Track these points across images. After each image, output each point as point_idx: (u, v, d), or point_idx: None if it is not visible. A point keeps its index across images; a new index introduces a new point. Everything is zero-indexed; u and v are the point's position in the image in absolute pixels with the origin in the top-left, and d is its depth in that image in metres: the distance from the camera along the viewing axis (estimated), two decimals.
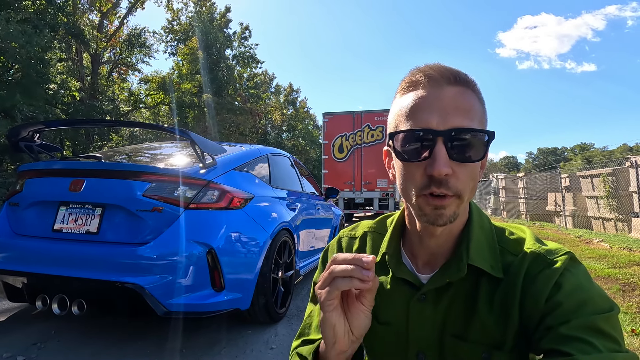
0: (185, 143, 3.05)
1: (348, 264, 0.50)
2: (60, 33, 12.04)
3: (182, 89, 19.11)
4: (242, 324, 2.47)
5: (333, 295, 0.51)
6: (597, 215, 8.01)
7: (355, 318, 0.53)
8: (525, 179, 12.57)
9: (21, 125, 2.34)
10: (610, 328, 0.46)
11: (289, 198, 3.11)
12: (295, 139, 30.86)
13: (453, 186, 0.51)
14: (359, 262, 0.50)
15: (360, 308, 0.53)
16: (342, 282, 0.50)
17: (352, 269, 0.49)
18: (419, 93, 0.54)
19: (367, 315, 0.54)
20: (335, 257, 0.52)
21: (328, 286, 0.51)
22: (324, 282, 0.52)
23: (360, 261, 0.50)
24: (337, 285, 0.50)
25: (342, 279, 0.50)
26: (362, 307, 0.53)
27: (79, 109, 13.26)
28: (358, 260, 0.50)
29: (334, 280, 0.50)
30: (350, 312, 0.53)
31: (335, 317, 0.52)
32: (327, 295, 0.51)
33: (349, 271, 0.49)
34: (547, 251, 0.55)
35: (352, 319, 0.53)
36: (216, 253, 2.02)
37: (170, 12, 21.01)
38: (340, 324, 0.52)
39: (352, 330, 0.53)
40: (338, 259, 0.51)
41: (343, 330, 0.53)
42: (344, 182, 10.39)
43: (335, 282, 0.50)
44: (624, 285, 3.54)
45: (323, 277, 0.52)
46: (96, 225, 2.03)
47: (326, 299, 0.51)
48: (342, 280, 0.50)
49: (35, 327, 2.30)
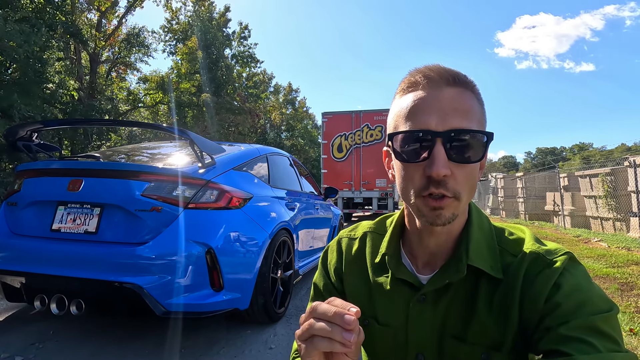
0: (184, 143, 3.04)
1: (328, 322, 0.44)
2: (58, 32, 12.00)
3: (181, 89, 19.08)
4: (241, 323, 2.47)
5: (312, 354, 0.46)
6: (595, 215, 8.03)
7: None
8: (524, 178, 12.59)
9: (19, 124, 2.33)
10: (609, 328, 0.46)
11: (288, 198, 3.11)
12: (294, 139, 30.84)
13: (451, 187, 0.51)
14: (340, 322, 0.43)
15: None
16: (321, 342, 0.44)
17: (331, 330, 0.43)
18: (418, 94, 0.54)
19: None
20: (315, 307, 0.46)
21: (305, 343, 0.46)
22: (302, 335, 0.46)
23: (342, 320, 0.43)
24: (315, 345, 0.44)
25: (321, 338, 0.44)
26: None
27: (78, 109, 13.22)
28: (340, 318, 0.43)
29: (312, 339, 0.45)
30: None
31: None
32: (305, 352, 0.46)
33: (328, 332, 0.43)
34: (546, 251, 0.55)
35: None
36: (215, 253, 2.02)
37: (169, 12, 20.98)
38: None
39: None
40: (318, 311, 0.45)
41: None
42: (343, 181, 10.40)
43: (314, 342, 0.44)
44: (622, 284, 3.55)
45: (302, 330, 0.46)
46: (95, 225, 2.02)
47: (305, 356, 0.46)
48: (321, 341, 0.44)
49: (34, 327, 2.30)
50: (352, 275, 0.70)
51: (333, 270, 0.74)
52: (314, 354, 0.45)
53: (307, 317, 0.47)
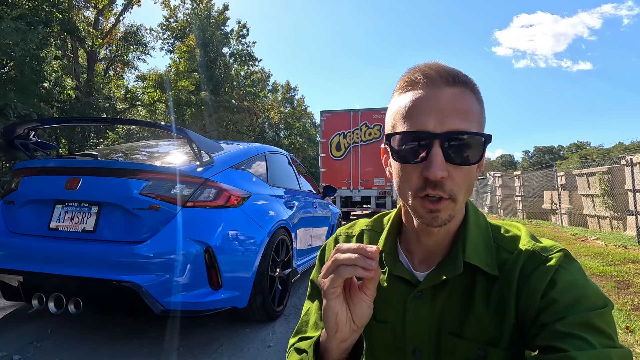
0: (182, 141, 3.03)
1: (352, 253, 0.51)
2: (55, 30, 11.93)
3: (179, 87, 19.02)
4: (240, 322, 2.47)
5: (336, 283, 0.51)
6: (592, 213, 8.07)
7: (357, 307, 0.53)
8: (521, 177, 12.63)
9: (16, 122, 2.32)
10: (604, 324, 0.47)
11: (287, 196, 3.11)
12: (293, 137, 30.81)
13: (448, 189, 0.52)
14: (362, 252, 0.51)
15: (363, 297, 0.54)
16: (345, 270, 0.51)
17: (356, 257, 0.50)
18: (417, 93, 0.54)
19: (369, 304, 0.54)
20: (339, 246, 0.53)
21: (332, 274, 0.52)
22: (327, 271, 0.52)
23: (365, 250, 0.51)
24: (340, 273, 0.51)
25: (345, 266, 0.51)
26: (364, 297, 0.54)
27: (75, 107, 13.16)
28: (362, 249, 0.51)
29: (337, 268, 0.51)
30: (353, 301, 0.54)
31: (338, 305, 0.53)
32: (330, 283, 0.52)
33: (353, 259, 0.50)
34: (541, 248, 0.55)
35: (354, 308, 0.54)
36: (213, 251, 2.02)
37: (167, 9, 20.90)
38: (342, 312, 0.53)
39: (353, 320, 0.54)
40: (342, 248, 0.52)
41: (345, 319, 0.53)
42: (342, 180, 10.40)
43: (339, 270, 0.51)
44: (618, 282, 3.57)
45: (326, 266, 0.53)
46: (93, 224, 2.02)
47: (330, 287, 0.52)
48: (345, 268, 0.51)
49: (32, 325, 2.29)
50: None
51: None
52: (337, 283, 0.52)
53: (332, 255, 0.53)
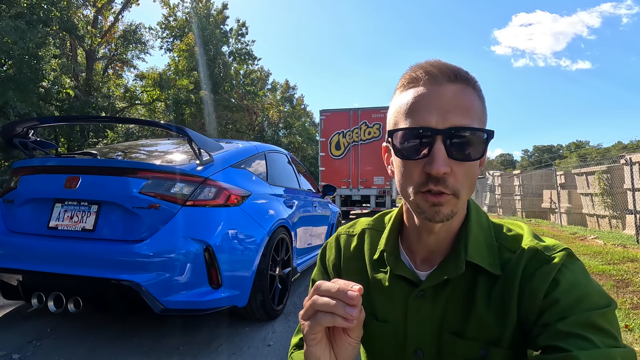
0: (181, 140, 3.03)
1: (331, 298, 0.46)
2: (54, 28, 11.89)
3: (178, 86, 18.98)
4: (240, 321, 2.47)
5: (316, 330, 0.47)
6: (591, 213, 8.08)
7: (342, 350, 0.49)
8: (521, 176, 12.65)
9: (15, 121, 2.32)
10: (607, 324, 0.47)
11: (286, 195, 3.10)
12: (292, 136, 30.78)
13: (451, 185, 0.51)
14: (343, 297, 0.45)
15: (347, 340, 0.49)
16: (324, 317, 0.46)
17: (334, 304, 0.45)
18: (418, 90, 0.54)
19: (354, 347, 0.50)
20: (319, 285, 0.48)
21: (309, 320, 0.47)
22: (305, 313, 0.48)
23: (345, 296, 0.45)
24: (318, 321, 0.46)
25: (324, 314, 0.46)
26: (349, 340, 0.49)
27: (74, 106, 13.14)
28: (342, 294, 0.45)
29: (315, 315, 0.47)
30: (337, 343, 0.50)
31: (320, 351, 0.49)
32: (309, 329, 0.48)
33: (331, 307, 0.45)
34: (544, 247, 0.55)
35: (339, 351, 0.50)
36: (213, 250, 2.01)
37: (167, 8, 20.85)
38: (325, 356, 0.49)
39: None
40: (321, 289, 0.47)
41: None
42: (341, 179, 10.40)
43: (317, 317, 0.46)
44: (617, 281, 3.58)
45: (305, 308, 0.48)
46: (92, 223, 2.01)
47: (309, 333, 0.48)
48: (324, 316, 0.46)
49: (31, 324, 2.29)
50: (350, 271, 0.70)
51: (331, 267, 0.74)
52: (317, 330, 0.48)
53: (311, 295, 0.48)
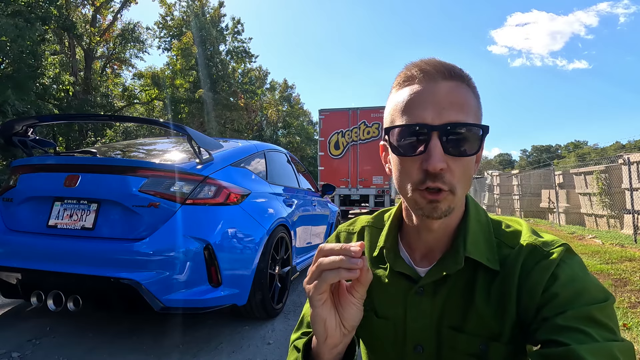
0: (180, 139, 3.03)
1: (335, 255, 0.48)
2: (52, 27, 11.86)
3: (176, 85, 18.95)
4: (239, 319, 2.48)
5: (322, 290, 0.49)
6: (590, 212, 8.11)
7: (346, 311, 0.52)
8: (519, 176, 12.68)
9: (14, 120, 2.31)
10: (605, 318, 0.47)
11: (286, 194, 3.11)
12: (291, 136, 30.78)
13: (448, 180, 0.52)
14: (346, 252, 0.48)
15: (352, 300, 0.52)
16: (329, 274, 0.48)
17: (339, 259, 0.48)
18: (414, 88, 0.54)
19: (358, 307, 0.52)
20: (322, 247, 0.50)
21: (316, 280, 0.49)
22: (311, 277, 0.50)
23: (348, 251, 0.48)
24: (324, 278, 0.48)
25: (329, 271, 0.48)
26: (353, 300, 0.52)
27: (72, 104, 13.11)
28: (345, 250, 0.48)
29: (321, 274, 0.49)
30: (341, 305, 0.52)
31: (326, 312, 0.51)
32: (315, 290, 0.49)
33: (337, 262, 0.48)
34: (543, 243, 0.56)
35: (343, 312, 0.52)
36: (213, 249, 2.02)
37: (164, 7, 20.80)
38: (331, 318, 0.51)
39: (343, 324, 0.52)
40: (324, 250, 0.50)
41: (334, 324, 0.52)
42: (340, 178, 10.40)
43: (323, 276, 0.48)
44: (616, 280, 3.59)
45: (311, 270, 0.50)
46: (92, 221, 2.01)
47: (315, 294, 0.50)
48: (329, 273, 0.48)
49: (30, 323, 2.29)
50: None
51: None
52: (323, 289, 0.49)
53: (316, 259, 0.50)
